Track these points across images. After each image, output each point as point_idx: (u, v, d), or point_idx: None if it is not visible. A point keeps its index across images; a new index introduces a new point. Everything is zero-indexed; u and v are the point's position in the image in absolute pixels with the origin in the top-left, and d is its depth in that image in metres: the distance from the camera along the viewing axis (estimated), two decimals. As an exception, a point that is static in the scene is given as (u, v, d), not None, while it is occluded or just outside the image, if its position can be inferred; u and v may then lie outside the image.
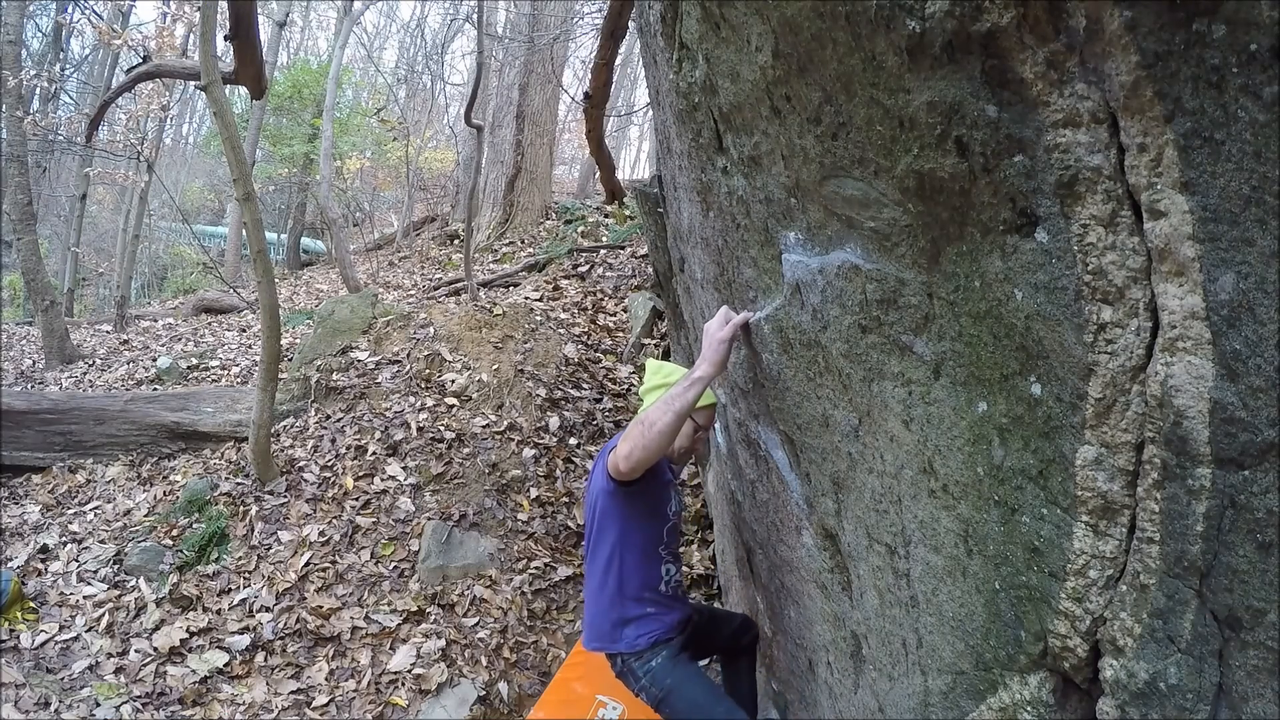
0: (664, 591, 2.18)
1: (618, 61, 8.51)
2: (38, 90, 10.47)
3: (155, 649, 3.38)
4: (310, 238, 16.69)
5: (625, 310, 6.37)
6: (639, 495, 2.07)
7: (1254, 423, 0.76)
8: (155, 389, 5.77)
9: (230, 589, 3.71)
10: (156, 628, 3.49)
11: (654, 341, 5.65)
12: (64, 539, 4.04)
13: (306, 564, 3.83)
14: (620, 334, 6.06)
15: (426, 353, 5.10)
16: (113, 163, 10.10)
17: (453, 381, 4.92)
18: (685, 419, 1.82)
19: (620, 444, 1.88)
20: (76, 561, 3.87)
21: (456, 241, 11.42)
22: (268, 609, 3.61)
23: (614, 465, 1.92)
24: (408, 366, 5.03)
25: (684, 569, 4.05)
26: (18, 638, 3.37)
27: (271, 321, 4.08)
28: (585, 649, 2.27)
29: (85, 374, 6.40)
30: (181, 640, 3.41)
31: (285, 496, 4.19)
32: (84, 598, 3.63)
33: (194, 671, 3.29)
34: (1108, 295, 0.87)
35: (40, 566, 3.85)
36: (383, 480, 4.29)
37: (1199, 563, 0.84)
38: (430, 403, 4.76)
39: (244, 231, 5.44)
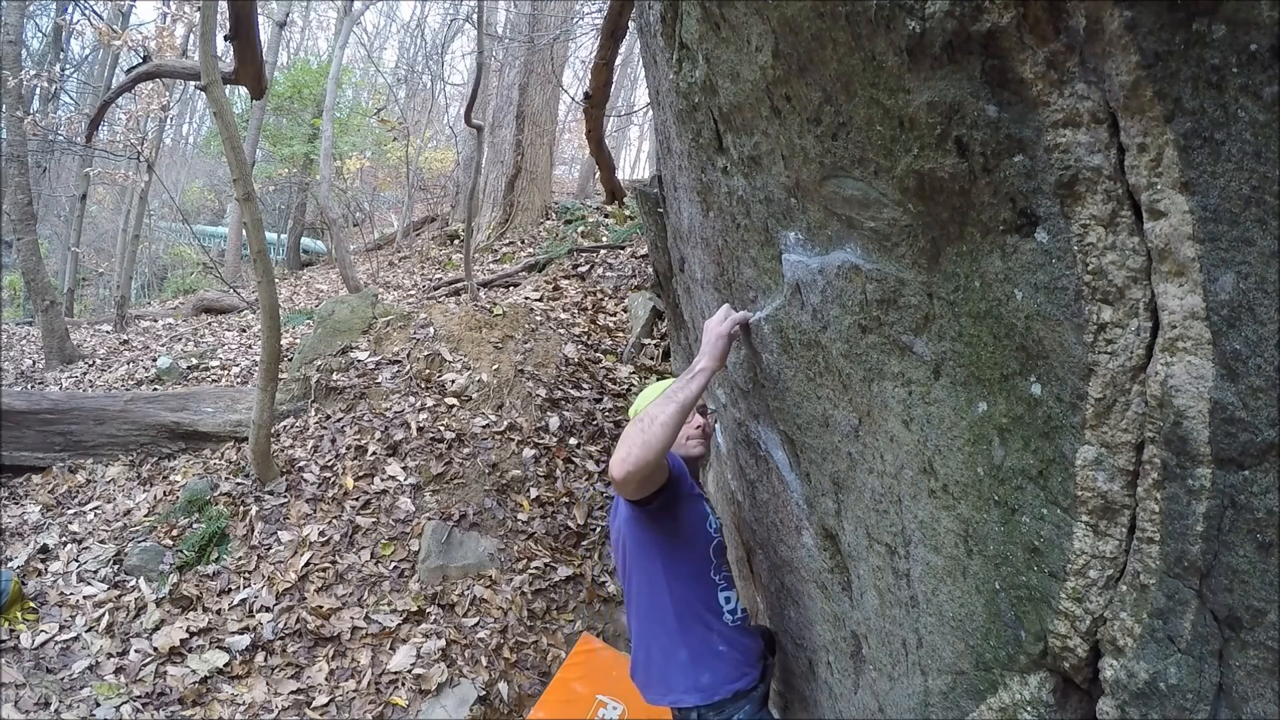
0: (730, 624, 1.90)
1: (618, 61, 8.51)
2: (38, 90, 10.48)
3: (155, 649, 3.38)
4: (310, 238, 16.70)
5: (625, 310, 6.37)
6: (665, 512, 1.84)
7: (1254, 423, 0.76)
8: (155, 389, 5.77)
9: (230, 589, 3.71)
10: (156, 628, 3.48)
11: (654, 341, 5.65)
12: (64, 539, 4.04)
13: (306, 564, 3.83)
14: (620, 334, 6.06)
15: (426, 353, 5.10)
16: (113, 163, 10.10)
17: (453, 381, 4.92)
18: (688, 413, 1.70)
19: (617, 449, 1.68)
20: (76, 561, 3.87)
21: (456, 241, 11.42)
22: (268, 609, 3.61)
23: (610, 474, 1.71)
24: (408, 366, 5.03)
25: None
26: (18, 638, 3.37)
27: (271, 321, 4.08)
28: (651, 704, 1.95)
29: (85, 374, 6.40)
30: (181, 640, 3.41)
31: (285, 496, 4.19)
32: (84, 598, 3.63)
33: (194, 671, 3.29)
34: (1108, 295, 0.87)
35: (40, 566, 3.85)
36: (383, 480, 4.29)
37: (1199, 563, 0.84)
38: (430, 403, 4.76)
39: (244, 231, 5.44)
